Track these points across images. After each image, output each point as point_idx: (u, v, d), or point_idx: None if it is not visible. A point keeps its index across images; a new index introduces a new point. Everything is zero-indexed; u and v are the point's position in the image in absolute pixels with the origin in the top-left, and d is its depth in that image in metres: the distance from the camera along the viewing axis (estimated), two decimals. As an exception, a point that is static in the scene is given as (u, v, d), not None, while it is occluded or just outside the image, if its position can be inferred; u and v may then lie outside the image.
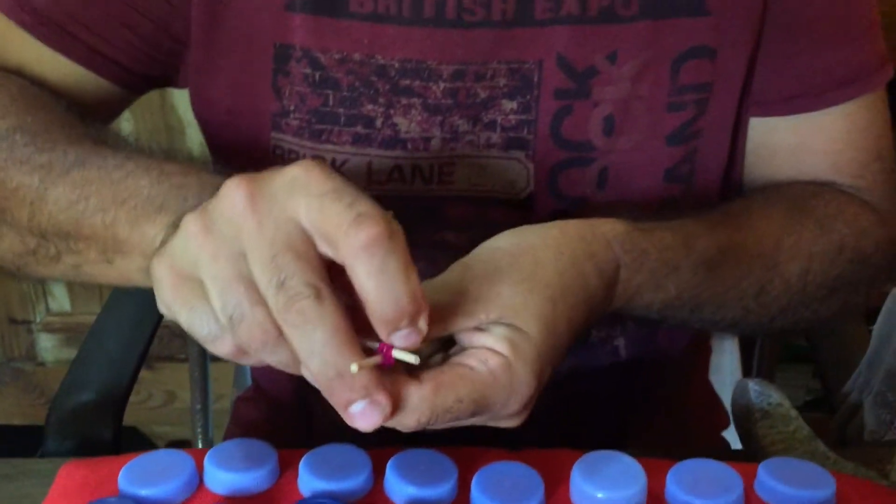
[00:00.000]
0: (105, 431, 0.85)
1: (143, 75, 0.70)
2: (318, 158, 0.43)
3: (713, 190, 0.72)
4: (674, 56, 0.67)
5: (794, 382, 1.65)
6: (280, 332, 0.43)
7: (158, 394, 1.74)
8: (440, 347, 0.51)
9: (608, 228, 0.56)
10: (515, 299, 0.50)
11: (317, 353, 0.42)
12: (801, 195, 0.70)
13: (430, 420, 0.47)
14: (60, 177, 0.57)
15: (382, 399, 0.44)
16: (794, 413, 0.64)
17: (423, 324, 0.44)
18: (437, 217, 0.71)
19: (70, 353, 1.74)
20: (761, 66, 0.69)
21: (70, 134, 0.60)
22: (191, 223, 0.45)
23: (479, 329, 0.49)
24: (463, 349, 0.50)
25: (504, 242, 0.53)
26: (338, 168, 0.68)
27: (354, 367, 0.43)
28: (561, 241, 0.53)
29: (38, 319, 1.73)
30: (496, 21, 0.65)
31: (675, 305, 0.61)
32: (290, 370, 0.45)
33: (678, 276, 0.59)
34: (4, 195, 0.59)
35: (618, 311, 0.58)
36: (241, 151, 0.72)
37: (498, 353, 0.48)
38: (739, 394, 0.66)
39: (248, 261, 0.43)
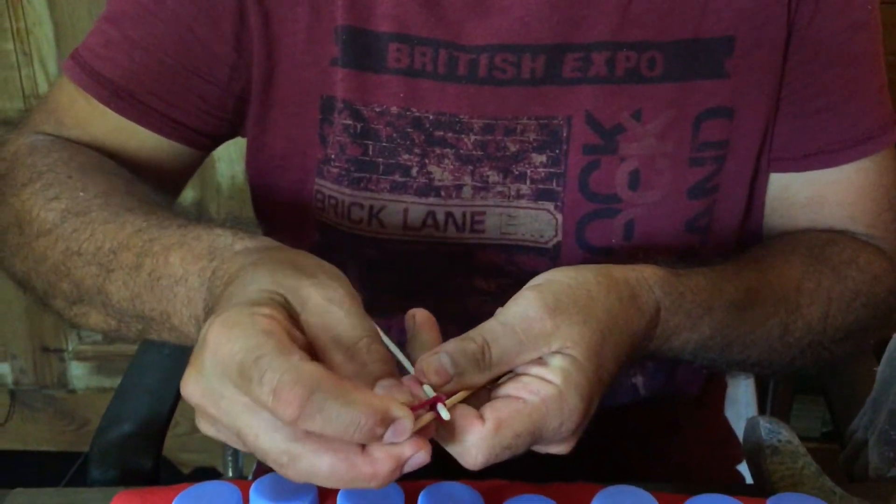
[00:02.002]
0: (146, 461, 0.88)
1: (212, 135, 0.75)
2: (218, 322, 0.46)
3: (730, 240, 0.76)
4: (695, 115, 0.71)
5: (810, 414, 1.67)
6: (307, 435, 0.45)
7: (184, 421, 1.78)
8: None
9: (649, 273, 0.60)
10: (573, 330, 0.53)
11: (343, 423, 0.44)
12: (817, 243, 0.73)
13: (492, 458, 0.50)
14: (116, 272, 0.60)
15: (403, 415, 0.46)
16: (802, 450, 0.68)
17: (399, 413, 0.45)
18: (469, 263, 0.75)
19: (100, 382, 1.78)
20: (779, 125, 0.73)
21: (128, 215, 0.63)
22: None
23: (538, 361, 0.53)
24: (514, 375, 0.53)
25: (564, 276, 0.56)
26: (375, 214, 0.72)
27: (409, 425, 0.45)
28: (610, 282, 0.57)
29: (70, 348, 1.77)
30: (526, 79, 0.69)
31: (708, 345, 0.64)
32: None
33: (712, 317, 0.63)
34: (74, 283, 0.63)
35: (657, 350, 0.62)
36: (283, 198, 0.76)
37: (549, 381, 0.52)
38: (750, 430, 0.69)
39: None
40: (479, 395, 0.52)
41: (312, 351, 0.47)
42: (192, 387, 0.46)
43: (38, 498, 0.66)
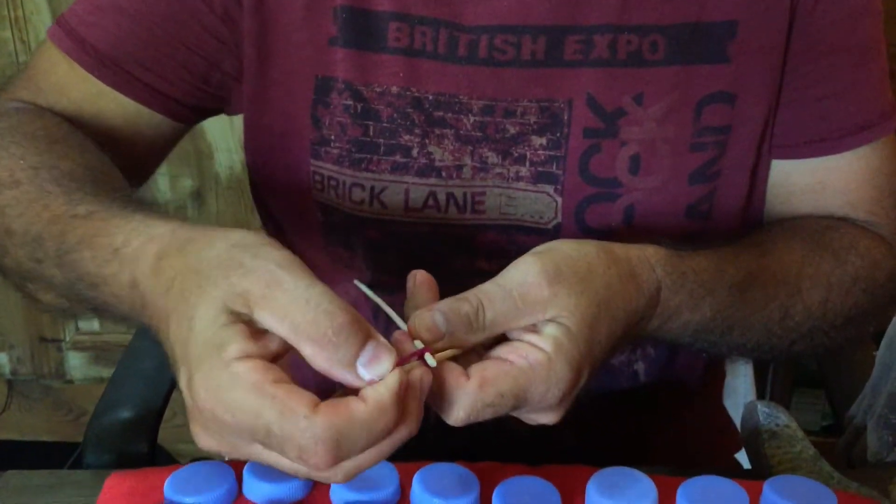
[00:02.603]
0: (141, 446, 0.88)
1: (195, 108, 0.74)
2: (200, 386, 0.45)
3: (731, 226, 0.76)
4: (696, 99, 0.70)
5: (810, 407, 1.67)
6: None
7: (182, 413, 1.77)
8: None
9: (651, 252, 0.60)
10: (570, 299, 0.53)
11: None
12: (818, 228, 0.73)
13: (473, 414, 0.51)
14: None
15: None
16: (800, 434, 0.67)
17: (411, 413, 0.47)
18: (470, 245, 0.74)
19: (98, 372, 1.78)
20: (781, 112, 0.73)
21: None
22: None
23: (531, 325, 0.53)
24: (507, 340, 0.54)
25: (567, 247, 0.57)
26: (377, 195, 0.72)
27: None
28: (611, 258, 0.57)
29: (67, 338, 1.76)
30: (526, 61, 0.68)
31: (709, 327, 0.64)
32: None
33: (713, 298, 0.63)
34: (16, 262, 0.62)
35: (656, 330, 0.62)
36: (281, 180, 0.76)
37: (539, 348, 0.52)
38: (749, 415, 0.69)
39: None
40: (470, 358, 0.53)
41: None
42: (208, 441, 0.47)
43: (31, 479, 0.66)
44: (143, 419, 0.89)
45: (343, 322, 0.45)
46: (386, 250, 0.75)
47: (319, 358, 0.46)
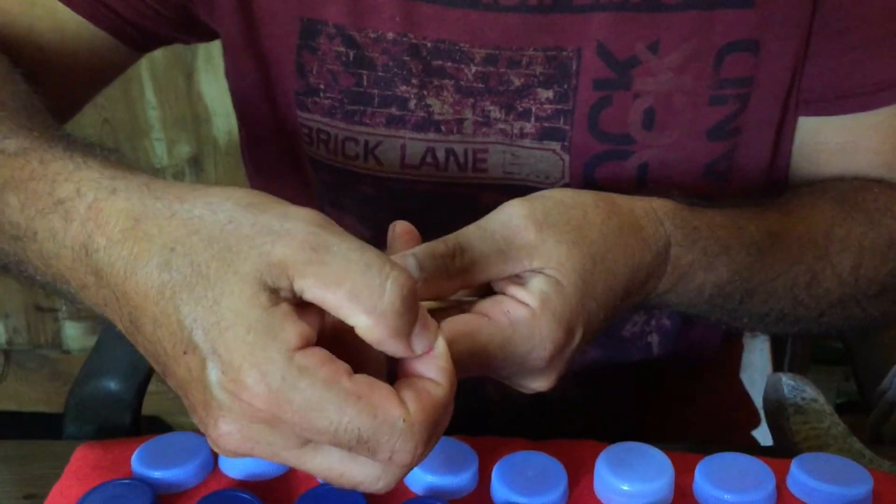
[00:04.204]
0: (124, 416, 0.85)
1: (147, 32, 0.68)
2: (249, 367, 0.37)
3: (753, 187, 0.70)
4: (717, 48, 0.65)
5: (825, 385, 1.62)
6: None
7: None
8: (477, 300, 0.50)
9: (659, 205, 0.55)
10: (559, 248, 0.49)
11: None
12: (849, 189, 0.67)
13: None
14: None
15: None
16: (828, 409, 0.62)
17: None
18: (471, 206, 0.69)
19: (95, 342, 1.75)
20: (810, 63, 0.67)
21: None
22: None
23: (517, 277, 0.49)
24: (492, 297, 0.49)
25: (559, 193, 0.52)
26: (371, 150, 0.67)
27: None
28: (612, 208, 0.52)
29: (64, 308, 1.73)
30: (532, 6, 0.63)
31: (727, 291, 0.58)
32: None
33: (730, 257, 0.57)
34: None
35: (668, 293, 0.56)
36: (267, 129, 0.71)
37: (523, 303, 0.47)
38: (772, 388, 0.64)
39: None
40: (453, 314, 0.48)
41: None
42: (243, 444, 0.39)
43: (3, 450, 0.62)
44: (126, 389, 0.85)
45: (412, 288, 0.39)
46: (382, 209, 0.70)
47: (379, 329, 0.39)
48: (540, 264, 0.48)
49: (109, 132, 1.64)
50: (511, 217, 0.49)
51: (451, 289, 0.48)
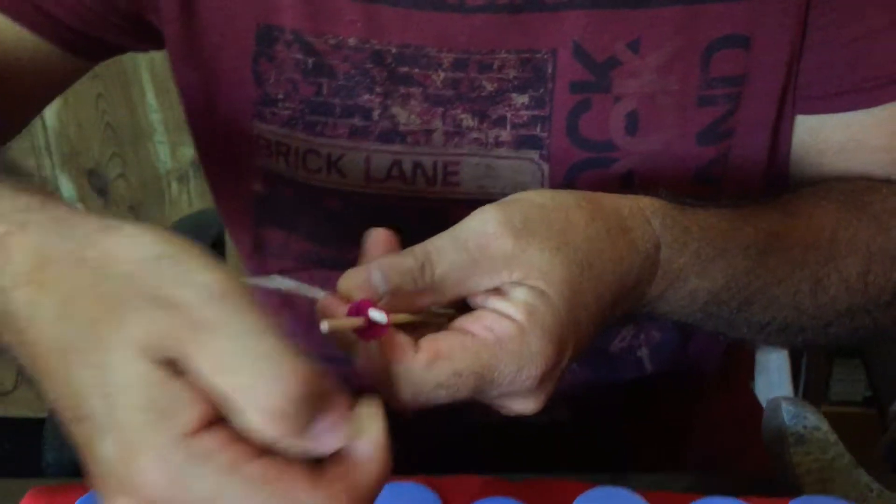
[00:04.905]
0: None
1: (96, 40, 0.63)
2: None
3: (750, 192, 0.65)
4: (704, 45, 0.60)
5: (851, 377, 1.56)
6: None
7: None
8: (457, 314, 0.45)
9: (646, 204, 0.50)
10: (542, 257, 0.44)
11: None
12: (856, 190, 0.62)
13: (421, 398, 0.42)
14: None
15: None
16: (833, 438, 0.57)
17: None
18: (443, 222, 0.64)
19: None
20: (806, 58, 0.62)
21: None
22: None
23: (496, 290, 0.44)
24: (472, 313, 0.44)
25: (538, 196, 0.47)
26: (334, 163, 0.63)
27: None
28: (595, 209, 0.48)
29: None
30: (502, 5, 0.58)
31: (722, 299, 0.53)
32: None
33: (725, 261, 0.52)
34: None
35: (659, 300, 0.51)
36: (220, 142, 0.66)
37: (509, 317, 0.43)
38: (771, 415, 0.59)
39: None
40: (431, 331, 0.43)
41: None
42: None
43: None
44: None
45: (314, 384, 0.34)
46: (345, 225, 0.66)
47: (270, 429, 0.33)
48: (521, 275, 0.44)
49: (112, 136, 1.61)
50: (485, 224, 0.45)
51: (422, 304, 0.44)
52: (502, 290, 0.44)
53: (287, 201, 0.66)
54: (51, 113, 1.61)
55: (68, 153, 1.62)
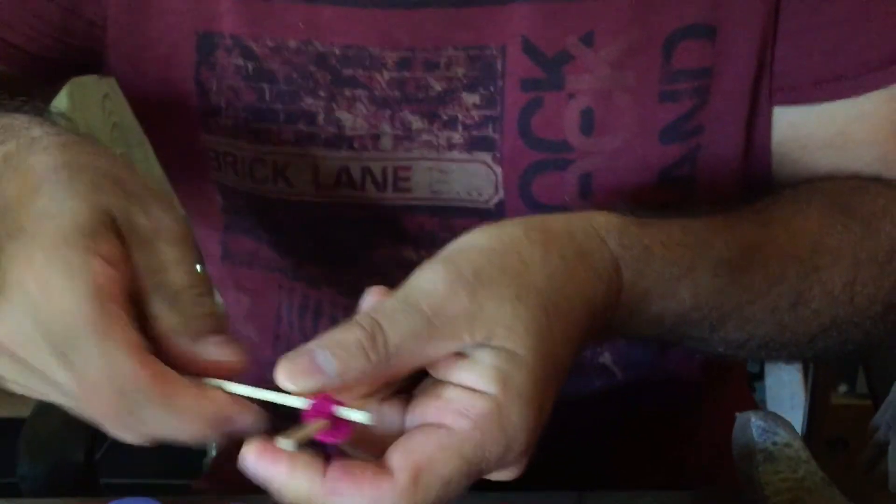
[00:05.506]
0: (77, 453, 0.81)
1: (59, 62, 0.62)
2: (41, 259, 0.37)
3: (724, 194, 0.61)
4: (664, 36, 0.56)
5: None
6: None
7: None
8: (404, 387, 0.41)
9: (601, 222, 0.46)
10: (503, 309, 0.39)
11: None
12: (841, 191, 0.58)
13: None
14: None
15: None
16: (804, 455, 0.53)
17: (232, 409, 0.38)
18: (395, 231, 0.62)
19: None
20: (781, 45, 0.58)
21: None
22: None
23: (458, 356, 0.39)
24: (433, 387, 0.40)
25: (482, 239, 0.42)
26: (281, 171, 0.60)
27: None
28: (546, 238, 0.43)
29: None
30: None
31: (691, 319, 0.49)
32: None
33: (693, 280, 0.48)
34: None
35: (624, 327, 0.47)
36: (180, 155, 0.65)
37: (481, 392, 0.38)
38: (740, 430, 0.55)
39: None
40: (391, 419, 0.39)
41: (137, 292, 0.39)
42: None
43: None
44: (79, 423, 0.81)
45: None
46: (298, 236, 0.63)
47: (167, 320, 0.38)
48: (484, 335, 0.39)
49: (119, 136, 1.61)
50: (434, 284, 0.39)
51: (378, 380, 0.39)
52: (465, 354, 0.39)
53: (246, 211, 0.64)
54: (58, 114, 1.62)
55: (77, 153, 1.63)
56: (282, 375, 0.37)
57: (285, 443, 0.36)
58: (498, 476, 0.41)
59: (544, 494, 0.55)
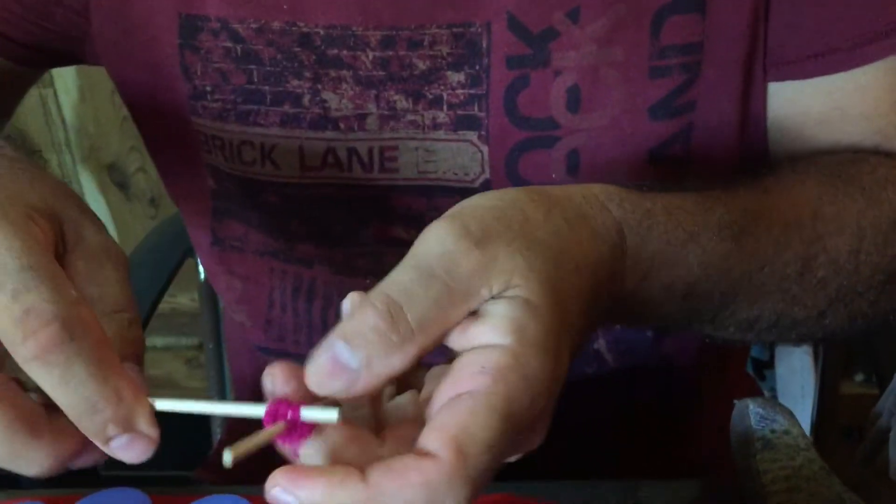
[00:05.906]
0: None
1: (40, 49, 0.62)
2: None
3: (719, 172, 0.59)
4: (653, 11, 0.55)
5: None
6: None
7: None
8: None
9: (599, 189, 0.44)
10: (515, 259, 0.37)
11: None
12: (840, 162, 0.56)
13: (474, 494, 0.34)
14: None
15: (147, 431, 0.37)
16: (803, 443, 0.52)
17: (144, 426, 0.37)
18: (383, 210, 0.61)
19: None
20: (774, 18, 0.56)
21: None
22: None
23: (472, 316, 0.37)
24: (440, 369, 0.38)
25: (485, 200, 0.40)
26: (268, 154, 0.59)
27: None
28: (548, 200, 0.41)
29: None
30: None
31: (702, 289, 0.47)
32: None
33: (699, 246, 0.46)
34: None
35: (634, 297, 0.45)
36: (170, 141, 0.64)
37: (497, 345, 0.35)
38: (739, 417, 0.54)
39: None
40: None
41: None
42: None
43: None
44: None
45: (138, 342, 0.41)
46: (287, 218, 0.62)
47: None
48: (501, 286, 0.37)
49: (130, 129, 1.61)
50: (443, 242, 0.37)
51: (404, 365, 0.35)
52: (479, 312, 0.37)
53: (236, 195, 0.63)
54: (69, 109, 1.62)
55: (88, 148, 1.63)
56: (313, 385, 0.35)
57: (227, 455, 0.33)
58: (523, 448, 0.38)
59: (592, 483, 0.53)
